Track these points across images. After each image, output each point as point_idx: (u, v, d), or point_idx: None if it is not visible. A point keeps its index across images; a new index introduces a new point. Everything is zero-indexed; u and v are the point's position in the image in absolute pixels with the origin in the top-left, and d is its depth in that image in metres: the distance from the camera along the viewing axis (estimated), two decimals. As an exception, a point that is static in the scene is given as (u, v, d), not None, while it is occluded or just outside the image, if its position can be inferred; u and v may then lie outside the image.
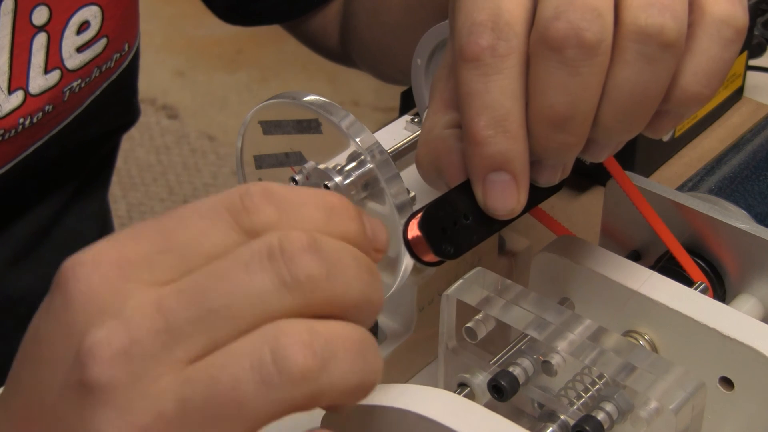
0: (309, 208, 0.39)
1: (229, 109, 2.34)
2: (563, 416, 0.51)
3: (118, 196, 2.09)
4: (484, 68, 0.46)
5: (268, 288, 0.37)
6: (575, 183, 0.76)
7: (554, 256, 0.55)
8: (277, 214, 0.38)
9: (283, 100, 0.51)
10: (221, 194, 0.39)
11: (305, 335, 0.36)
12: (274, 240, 0.37)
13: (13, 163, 0.69)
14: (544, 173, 0.49)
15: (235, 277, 0.37)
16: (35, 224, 0.76)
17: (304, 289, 0.37)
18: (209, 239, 0.38)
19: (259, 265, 0.37)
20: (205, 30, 2.46)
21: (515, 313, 0.51)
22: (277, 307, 0.37)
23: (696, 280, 0.56)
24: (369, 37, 0.79)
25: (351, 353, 0.37)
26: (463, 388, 0.52)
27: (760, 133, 0.67)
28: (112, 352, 0.36)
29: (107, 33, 0.69)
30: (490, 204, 0.47)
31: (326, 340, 0.37)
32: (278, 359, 0.36)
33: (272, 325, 0.37)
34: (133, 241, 0.38)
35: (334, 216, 0.39)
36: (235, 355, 0.36)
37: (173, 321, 0.37)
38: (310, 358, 0.36)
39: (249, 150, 0.54)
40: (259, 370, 0.36)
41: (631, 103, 0.46)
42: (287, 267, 0.37)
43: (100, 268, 0.38)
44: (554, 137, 0.46)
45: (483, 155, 0.46)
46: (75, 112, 0.71)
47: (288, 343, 0.36)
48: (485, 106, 0.46)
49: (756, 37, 0.85)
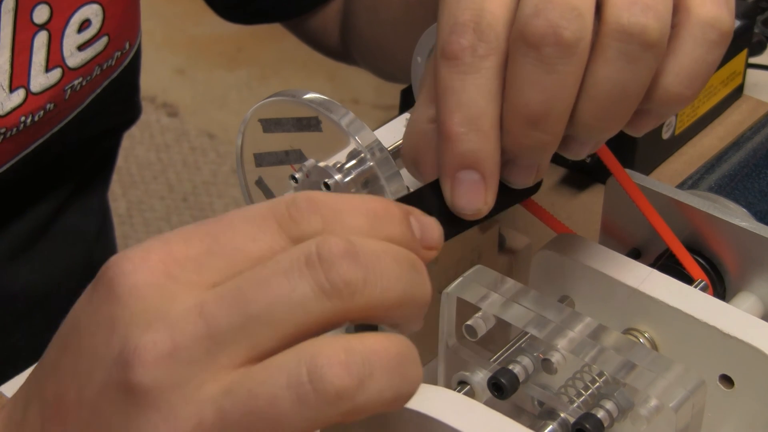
0: (353, 215, 0.39)
1: (229, 107, 2.34)
2: (563, 414, 0.51)
3: (118, 194, 2.09)
4: (462, 67, 0.46)
5: (308, 295, 0.37)
6: (575, 181, 0.76)
7: (554, 253, 0.55)
8: (322, 223, 0.39)
9: (283, 98, 0.51)
10: (269, 203, 0.39)
11: (342, 355, 0.36)
12: (312, 247, 0.37)
13: (14, 160, 0.69)
14: (519, 173, 0.49)
15: (275, 283, 0.37)
16: (35, 221, 0.76)
17: (342, 294, 0.37)
18: (257, 245, 0.38)
19: (298, 272, 0.37)
20: (206, 28, 2.46)
21: (515, 310, 0.51)
22: (317, 314, 0.37)
23: (696, 278, 0.56)
24: (369, 35, 0.79)
25: (388, 370, 0.37)
26: (463, 386, 0.52)
27: (760, 131, 0.67)
28: (157, 355, 0.36)
29: (108, 31, 0.69)
30: (457, 202, 0.48)
31: (363, 359, 0.37)
32: (315, 379, 0.36)
33: (310, 343, 0.37)
34: (181, 241, 0.39)
35: (378, 221, 0.40)
36: (274, 371, 0.37)
37: (215, 327, 0.37)
38: (346, 378, 0.36)
39: (249, 148, 0.54)
40: (296, 389, 0.36)
41: (610, 101, 0.46)
42: (325, 273, 0.37)
43: (148, 266, 0.38)
44: (529, 135, 0.46)
45: (454, 152, 0.47)
46: (76, 111, 0.71)
47: (324, 363, 0.36)
48: (460, 103, 0.46)
49: (756, 34, 0.85)
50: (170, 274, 0.38)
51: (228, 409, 0.36)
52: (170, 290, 0.38)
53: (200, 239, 0.39)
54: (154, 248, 0.38)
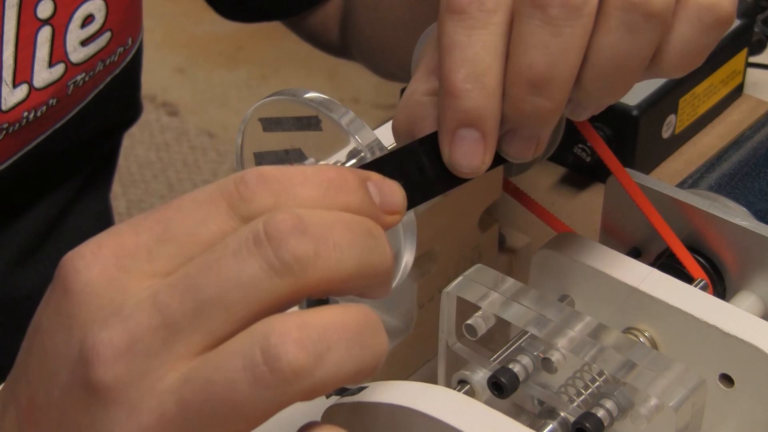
0: (305, 187, 0.38)
1: (229, 106, 2.34)
2: (563, 413, 0.51)
3: (118, 193, 2.09)
4: (469, 21, 0.45)
5: (258, 275, 0.36)
6: (575, 180, 0.76)
7: (554, 253, 0.55)
8: (273, 198, 0.38)
9: (283, 97, 0.51)
10: (217, 182, 0.38)
11: (295, 332, 0.36)
12: (259, 225, 0.37)
13: (17, 156, 0.69)
14: (517, 145, 0.48)
15: (225, 266, 0.36)
16: (39, 223, 0.76)
17: (294, 271, 0.36)
18: (207, 228, 0.38)
19: (247, 252, 0.36)
20: (206, 27, 2.46)
21: (515, 310, 0.51)
22: (269, 293, 0.37)
23: (696, 277, 0.56)
24: (369, 34, 0.79)
25: (346, 341, 0.36)
26: (463, 385, 0.52)
27: (760, 130, 0.67)
28: (114, 351, 0.36)
29: (111, 27, 0.69)
30: (456, 160, 0.47)
31: (318, 333, 0.36)
32: (269, 359, 0.35)
33: (262, 324, 0.36)
34: (131, 231, 0.38)
35: (331, 191, 0.39)
36: (228, 355, 0.36)
37: (169, 316, 0.36)
38: (301, 355, 0.35)
39: (249, 147, 0.54)
40: (251, 371, 0.35)
41: (611, 70, 0.46)
42: (274, 251, 0.36)
43: (99, 260, 0.37)
44: (530, 100, 0.45)
45: (457, 108, 0.46)
46: (79, 106, 0.71)
47: (278, 342, 0.35)
48: (466, 59, 0.45)
49: (756, 33, 0.85)
50: (122, 267, 0.37)
51: (187, 398, 0.36)
52: (123, 283, 0.37)
53: (150, 227, 0.38)
54: (104, 242, 0.38)
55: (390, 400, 0.45)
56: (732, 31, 0.78)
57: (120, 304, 0.37)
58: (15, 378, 0.40)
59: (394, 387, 0.45)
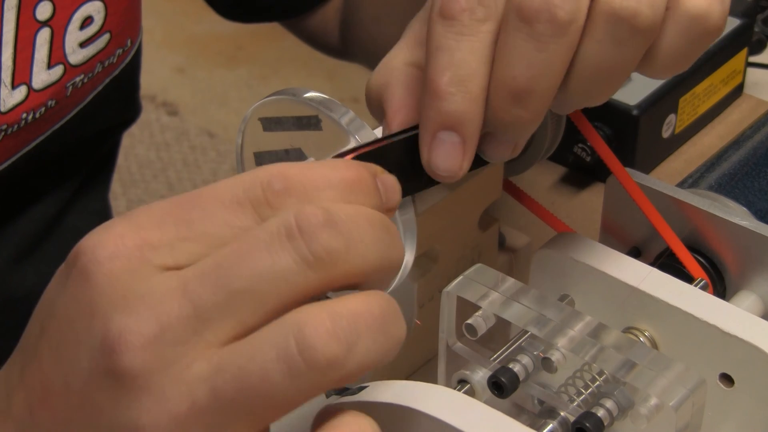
0: (328, 193, 0.39)
1: (229, 106, 2.34)
2: (563, 413, 0.51)
3: (118, 193, 2.09)
4: (459, 27, 0.46)
5: (291, 267, 0.37)
6: (575, 179, 0.76)
7: (554, 252, 0.55)
8: (298, 204, 0.39)
9: (283, 96, 0.51)
10: (242, 181, 0.39)
11: (328, 323, 0.37)
12: (291, 218, 0.37)
13: (16, 157, 0.69)
14: (495, 147, 0.49)
15: (258, 258, 0.37)
16: (37, 222, 0.76)
17: (325, 264, 0.37)
18: (232, 231, 0.38)
19: (279, 245, 0.37)
20: (205, 27, 2.46)
21: (515, 309, 0.51)
22: (301, 285, 0.37)
23: (696, 277, 0.56)
24: (376, 31, 0.79)
25: (373, 330, 0.37)
26: (463, 384, 0.52)
27: (760, 130, 0.67)
28: (144, 339, 0.37)
29: (110, 28, 0.69)
30: (434, 162, 0.47)
31: (349, 323, 0.37)
32: (304, 350, 0.36)
33: (295, 314, 0.37)
34: (154, 225, 0.39)
35: (352, 195, 0.40)
36: (262, 345, 0.37)
37: (200, 305, 0.37)
38: (335, 345, 0.36)
39: (249, 147, 0.54)
40: (286, 361, 0.36)
41: (596, 78, 0.47)
42: (307, 245, 0.37)
43: (122, 252, 0.38)
44: (511, 110, 0.46)
45: (440, 110, 0.46)
46: (77, 108, 0.71)
47: (312, 333, 0.36)
48: (452, 63, 0.46)
49: (756, 33, 0.85)
50: (145, 259, 0.38)
51: (220, 387, 0.36)
52: (146, 273, 0.38)
53: (174, 224, 0.39)
54: (127, 233, 0.38)
55: (390, 399, 0.45)
56: (732, 30, 0.78)
57: (144, 293, 0.37)
58: (24, 361, 0.40)
59: (394, 387, 0.45)
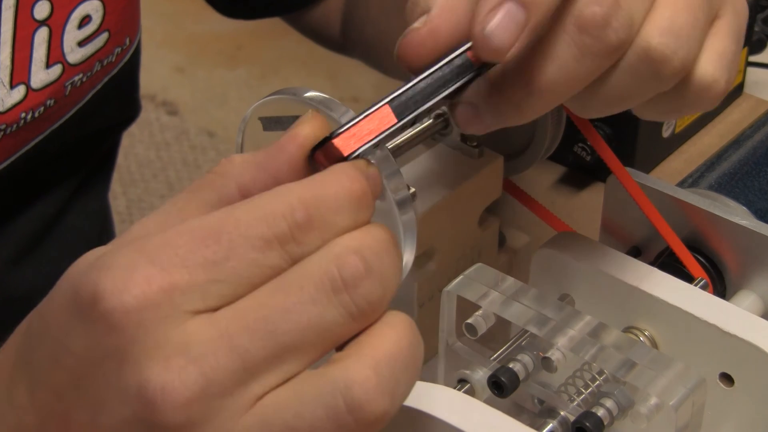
0: (341, 216, 0.39)
1: (228, 106, 2.34)
2: (563, 412, 0.51)
3: (117, 193, 2.09)
4: None
5: (338, 320, 0.38)
6: (575, 179, 0.76)
7: (554, 252, 0.55)
8: (320, 239, 0.39)
9: (283, 96, 0.51)
10: (264, 215, 0.38)
11: (374, 379, 0.37)
12: (334, 270, 0.38)
13: (15, 157, 0.69)
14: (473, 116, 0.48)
15: (305, 312, 0.38)
16: (36, 222, 0.76)
17: (367, 314, 0.38)
18: (261, 271, 0.38)
19: (326, 299, 0.38)
20: (205, 26, 2.46)
21: (515, 309, 0.51)
22: (345, 335, 0.38)
23: (696, 276, 0.56)
24: (386, 25, 0.78)
25: (409, 368, 0.39)
26: (463, 384, 0.52)
27: (760, 129, 0.67)
28: (189, 393, 0.36)
29: (108, 27, 0.69)
30: (490, 28, 0.44)
31: (390, 371, 0.38)
32: (354, 409, 0.37)
33: (339, 370, 0.37)
34: (181, 266, 0.38)
35: (360, 213, 0.40)
36: (309, 403, 0.37)
37: (249, 359, 0.37)
38: (381, 401, 0.37)
39: (249, 146, 0.54)
40: (335, 420, 0.37)
41: (612, 102, 0.47)
42: (352, 298, 0.38)
43: (152, 299, 0.37)
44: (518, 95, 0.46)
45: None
46: (76, 107, 0.71)
47: (360, 392, 0.37)
48: None
49: (756, 33, 0.85)
50: (175, 305, 0.37)
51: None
52: (178, 319, 0.37)
53: (202, 265, 0.38)
54: (153, 277, 0.37)
55: (390, 399, 0.45)
56: (732, 30, 0.78)
57: (181, 342, 0.37)
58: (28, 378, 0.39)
59: (394, 386, 0.45)
